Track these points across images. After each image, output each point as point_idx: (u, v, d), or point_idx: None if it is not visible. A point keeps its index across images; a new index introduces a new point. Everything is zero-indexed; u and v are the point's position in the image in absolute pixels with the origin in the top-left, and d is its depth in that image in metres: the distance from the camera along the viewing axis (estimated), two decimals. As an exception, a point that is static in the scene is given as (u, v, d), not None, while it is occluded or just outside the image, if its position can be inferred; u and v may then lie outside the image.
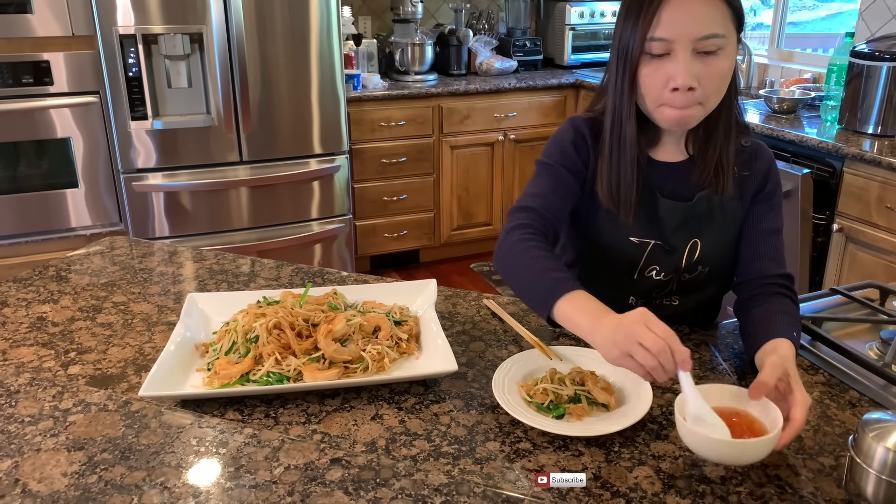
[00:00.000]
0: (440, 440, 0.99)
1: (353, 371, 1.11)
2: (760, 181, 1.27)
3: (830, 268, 2.68)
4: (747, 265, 1.27)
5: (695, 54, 1.10)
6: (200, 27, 2.88)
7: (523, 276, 1.12)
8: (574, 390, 1.06)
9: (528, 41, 4.13)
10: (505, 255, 1.16)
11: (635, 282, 1.30)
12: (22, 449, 0.96)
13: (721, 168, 1.22)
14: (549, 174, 1.26)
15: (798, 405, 0.94)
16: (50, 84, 2.83)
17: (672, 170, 1.26)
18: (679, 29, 1.09)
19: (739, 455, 0.91)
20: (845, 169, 2.55)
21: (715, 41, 1.10)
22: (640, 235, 1.26)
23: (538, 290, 1.08)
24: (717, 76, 1.13)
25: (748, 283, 1.26)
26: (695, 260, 1.27)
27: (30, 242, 2.97)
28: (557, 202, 1.24)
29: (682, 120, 1.16)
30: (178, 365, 1.13)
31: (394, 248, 3.78)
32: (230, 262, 1.60)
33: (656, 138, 1.26)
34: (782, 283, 1.22)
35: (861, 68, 2.68)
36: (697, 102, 1.13)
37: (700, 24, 1.09)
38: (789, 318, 1.15)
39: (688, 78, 1.10)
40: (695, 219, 1.25)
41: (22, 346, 1.23)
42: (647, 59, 1.13)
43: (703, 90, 1.12)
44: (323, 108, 3.18)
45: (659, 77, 1.12)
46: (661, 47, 1.11)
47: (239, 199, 3.17)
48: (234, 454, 0.95)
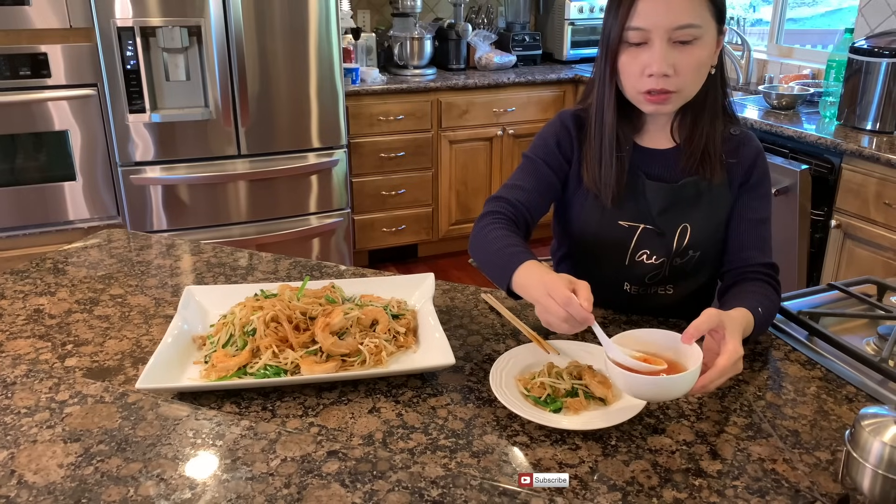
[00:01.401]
0: (437, 433, 0.99)
1: (350, 364, 1.11)
2: (747, 169, 1.30)
3: (828, 264, 2.68)
4: (733, 254, 1.31)
5: (671, 44, 1.16)
6: (199, 20, 2.87)
7: (486, 255, 1.19)
8: (571, 384, 1.06)
9: (528, 36, 4.12)
10: (474, 239, 1.24)
11: (627, 267, 1.32)
12: (18, 440, 0.96)
13: (708, 154, 1.26)
14: (530, 168, 1.33)
15: (724, 352, 0.97)
16: (47, 76, 2.82)
17: (659, 156, 1.30)
18: (654, 19, 1.15)
19: (658, 391, 0.95)
20: (844, 165, 2.55)
21: (690, 31, 1.15)
22: (629, 219, 1.29)
23: (497, 265, 1.15)
24: (693, 65, 1.18)
25: (733, 272, 1.30)
26: (685, 244, 1.30)
27: (27, 235, 2.97)
28: (533, 195, 1.30)
29: (660, 104, 1.21)
30: (176, 357, 1.13)
31: (392, 242, 3.78)
32: (228, 255, 1.60)
33: (641, 125, 1.30)
34: (766, 271, 1.26)
35: (860, 64, 2.68)
36: (674, 90, 1.18)
37: (675, 14, 1.14)
38: (759, 298, 1.18)
39: (662, 66, 1.15)
40: (682, 203, 1.28)
41: (19, 338, 1.23)
42: (626, 48, 1.19)
43: (679, 78, 1.18)
44: (321, 102, 3.18)
45: (636, 64, 1.18)
46: (639, 36, 1.17)
47: (237, 192, 3.17)
48: (230, 446, 0.95)
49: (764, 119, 2.89)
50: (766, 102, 3.10)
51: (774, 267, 1.27)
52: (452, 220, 3.87)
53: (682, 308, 1.35)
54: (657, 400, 1.04)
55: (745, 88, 3.52)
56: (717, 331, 1.00)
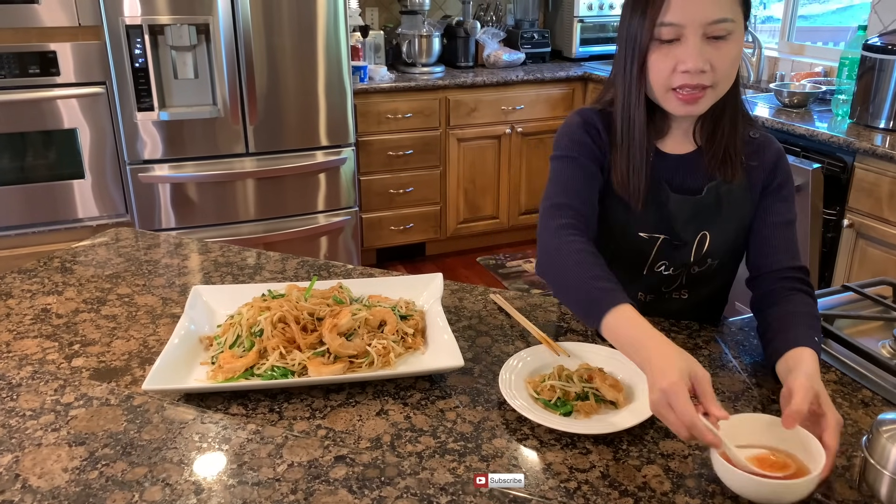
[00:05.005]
0: (446, 436, 0.97)
1: (358, 366, 1.10)
2: (769, 172, 1.26)
3: (840, 264, 2.65)
4: (762, 259, 1.25)
5: (705, 39, 1.11)
6: (207, 18, 2.87)
7: (571, 283, 1.10)
8: (582, 387, 1.05)
9: (536, 33, 4.10)
10: (552, 256, 1.14)
11: (644, 277, 1.29)
12: (23, 443, 0.95)
13: (729, 156, 1.23)
14: (572, 166, 1.23)
15: (830, 429, 0.89)
16: (57, 74, 2.83)
17: (681, 161, 1.26)
18: (689, 13, 1.09)
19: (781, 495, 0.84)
20: (856, 164, 2.52)
21: (725, 25, 1.11)
22: (650, 231, 1.25)
23: (584, 300, 1.07)
24: (728, 60, 1.13)
25: (764, 279, 1.23)
26: (703, 253, 1.26)
27: (37, 233, 2.97)
28: (589, 194, 1.22)
29: (692, 104, 1.15)
30: (182, 358, 1.12)
31: (400, 241, 3.77)
32: (235, 254, 1.59)
33: (664, 129, 1.25)
34: (798, 276, 1.20)
35: (873, 62, 2.64)
36: (709, 85, 1.13)
37: (710, 8, 1.10)
38: (809, 320, 1.11)
39: (699, 61, 1.10)
40: (704, 212, 1.24)
41: (26, 337, 1.23)
42: (657, 45, 1.13)
43: (714, 74, 1.13)
44: (329, 99, 3.17)
45: (668, 62, 1.13)
46: (671, 32, 1.11)
47: (245, 190, 3.16)
48: (237, 451, 0.94)
49: (775, 117, 2.86)
50: (778, 100, 3.07)
51: (805, 270, 1.21)
52: (460, 218, 3.86)
53: (694, 311, 1.32)
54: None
55: (756, 86, 3.49)
56: (812, 401, 0.92)
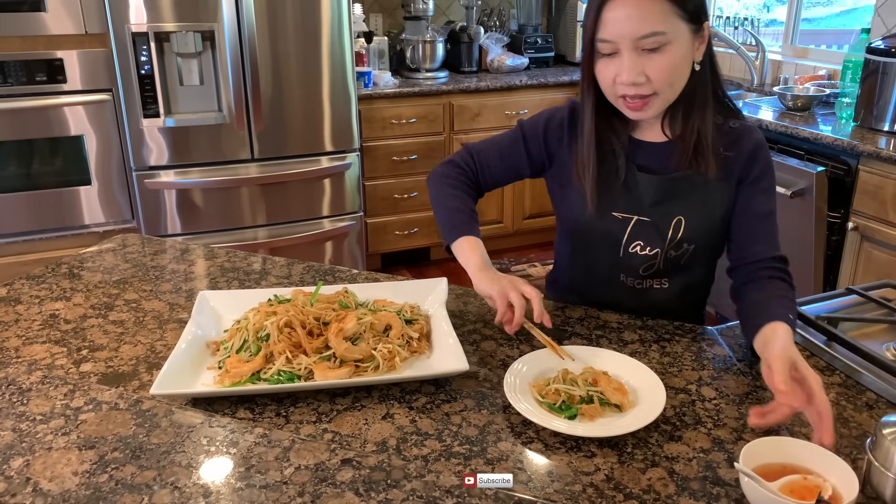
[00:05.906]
0: (451, 440, 0.98)
1: (363, 370, 1.11)
2: (746, 162, 1.29)
3: (845, 267, 2.65)
4: (742, 250, 1.30)
5: (639, 52, 1.17)
6: (212, 25, 2.88)
7: (440, 207, 1.37)
8: (587, 391, 1.05)
9: (540, 38, 4.11)
10: (434, 179, 1.42)
11: (622, 258, 1.34)
12: (33, 447, 0.96)
13: (701, 148, 1.26)
14: (511, 140, 1.41)
15: (816, 393, 0.96)
16: (63, 82, 2.84)
17: (654, 149, 1.31)
18: (619, 30, 1.16)
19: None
20: (861, 167, 2.53)
21: (656, 38, 1.16)
22: (622, 210, 1.30)
23: (447, 223, 1.33)
24: (665, 70, 1.18)
25: (743, 268, 1.29)
26: (679, 237, 1.30)
27: (44, 239, 2.99)
28: (498, 161, 1.41)
29: (640, 110, 1.22)
30: (189, 363, 1.13)
31: (405, 245, 3.78)
32: (241, 259, 1.60)
33: (634, 121, 1.31)
34: (777, 265, 1.25)
35: (877, 65, 2.65)
36: (652, 93, 1.19)
37: (638, 24, 1.15)
38: (784, 302, 1.17)
39: (631, 75, 1.17)
40: (676, 195, 1.28)
41: (35, 343, 1.24)
42: (599, 58, 1.21)
43: (652, 84, 1.18)
44: (334, 105, 3.18)
45: (610, 73, 1.20)
46: (608, 47, 1.19)
47: (250, 196, 3.17)
48: (244, 454, 0.95)
49: (779, 120, 2.86)
50: (782, 104, 3.07)
51: (784, 260, 1.26)
52: (465, 222, 3.86)
53: (677, 303, 1.37)
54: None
55: (759, 90, 3.49)
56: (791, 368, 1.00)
